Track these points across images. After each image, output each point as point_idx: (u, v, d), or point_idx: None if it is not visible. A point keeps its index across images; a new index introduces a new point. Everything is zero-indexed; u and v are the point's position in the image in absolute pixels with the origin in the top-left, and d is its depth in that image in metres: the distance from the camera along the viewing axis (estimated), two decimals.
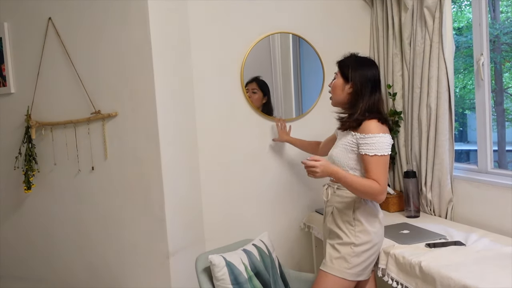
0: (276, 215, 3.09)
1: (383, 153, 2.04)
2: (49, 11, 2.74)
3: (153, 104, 2.52)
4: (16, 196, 3.00)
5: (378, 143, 2.03)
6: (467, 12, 3.58)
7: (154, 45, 2.50)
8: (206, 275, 2.28)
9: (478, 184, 2.56)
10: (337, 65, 2.22)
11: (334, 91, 2.21)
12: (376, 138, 2.04)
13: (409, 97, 2.87)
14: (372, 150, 2.04)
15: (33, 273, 3.05)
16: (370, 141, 2.04)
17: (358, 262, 2.10)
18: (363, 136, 2.06)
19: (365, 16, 3.20)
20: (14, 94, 2.94)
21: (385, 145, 2.05)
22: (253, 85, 2.98)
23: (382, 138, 2.04)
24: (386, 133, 2.07)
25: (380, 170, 2.04)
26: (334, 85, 2.21)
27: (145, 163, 2.59)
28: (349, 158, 2.13)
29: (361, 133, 2.08)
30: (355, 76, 2.13)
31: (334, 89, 2.21)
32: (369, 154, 2.04)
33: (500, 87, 3.36)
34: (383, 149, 2.04)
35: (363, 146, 2.06)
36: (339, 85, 2.18)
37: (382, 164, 2.04)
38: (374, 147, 2.03)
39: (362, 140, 2.06)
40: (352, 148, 2.12)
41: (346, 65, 2.17)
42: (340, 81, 2.17)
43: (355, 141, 2.10)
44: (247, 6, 2.94)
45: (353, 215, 2.12)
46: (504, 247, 2.11)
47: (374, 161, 2.03)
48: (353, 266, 2.09)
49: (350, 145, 2.12)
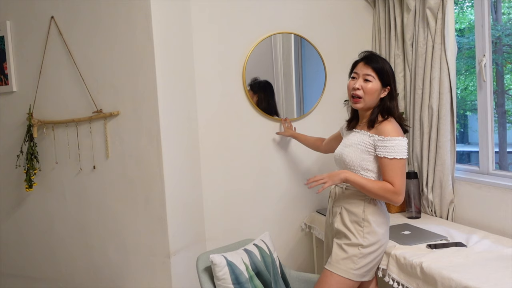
0: (277, 215, 3.09)
1: (402, 157, 2.04)
2: (52, 10, 2.74)
3: (155, 103, 2.52)
4: (18, 194, 3.00)
5: (397, 147, 2.03)
6: (469, 14, 3.57)
7: (157, 44, 2.50)
8: (207, 274, 2.28)
9: (480, 185, 2.56)
10: (372, 67, 2.10)
11: (370, 96, 2.10)
12: (395, 141, 2.03)
13: (411, 98, 2.87)
14: (392, 153, 2.03)
15: (33, 272, 3.05)
16: (390, 144, 2.03)
17: (365, 263, 2.10)
18: (382, 138, 2.05)
19: (367, 16, 3.20)
20: (16, 93, 2.94)
21: (404, 149, 2.05)
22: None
23: (401, 141, 2.04)
24: (403, 136, 2.08)
25: (397, 172, 2.03)
26: (371, 90, 2.09)
27: (146, 162, 2.59)
28: (364, 159, 2.11)
29: (380, 135, 2.06)
30: (392, 78, 2.12)
31: (371, 94, 2.10)
32: (388, 157, 2.03)
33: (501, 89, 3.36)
34: (402, 153, 2.04)
35: (382, 149, 2.05)
36: (376, 89, 2.10)
37: (399, 167, 2.04)
38: (394, 150, 2.03)
39: (381, 142, 2.05)
40: (367, 149, 2.10)
41: (385, 68, 2.10)
42: (378, 85, 2.10)
43: (372, 143, 2.08)
44: (249, 6, 2.94)
45: (363, 215, 2.11)
46: (506, 249, 2.11)
47: (393, 164, 2.04)
48: (359, 267, 2.09)
49: (366, 146, 2.10)
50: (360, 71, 2.12)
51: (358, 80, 2.11)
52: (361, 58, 2.16)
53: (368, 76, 2.10)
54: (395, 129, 2.06)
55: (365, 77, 2.10)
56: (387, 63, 2.15)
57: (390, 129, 2.05)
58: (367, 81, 2.10)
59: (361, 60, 2.15)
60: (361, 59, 2.16)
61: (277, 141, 3.04)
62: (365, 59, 2.13)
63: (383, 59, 2.16)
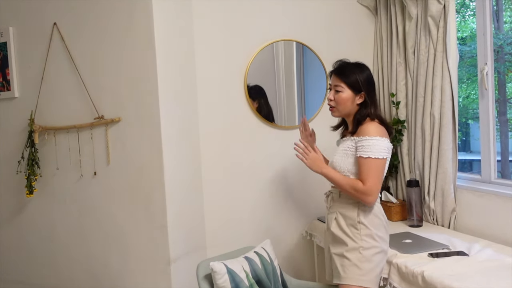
0: (278, 223, 3.08)
1: (377, 156, 2.02)
2: (54, 16, 2.75)
3: (157, 110, 2.52)
4: (18, 200, 3.00)
5: (374, 146, 2.03)
6: (470, 22, 3.58)
7: (159, 51, 2.51)
8: (207, 282, 2.27)
9: (482, 194, 2.55)
10: (339, 76, 2.16)
11: (343, 105, 2.15)
12: (372, 141, 2.03)
13: (413, 106, 2.86)
14: (366, 152, 2.03)
15: (33, 278, 3.04)
16: (367, 143, 2.04)
17: (370, 267, 2.06)
18: (361, 138, 2.07)
19: (369, 24, 3.21)
20: (18, 98, 2.94)
21: (381, 149, 2.04)
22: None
23: (379, 141, 2.04)
24: (384, 136, 2.07)
25: (370, 172, 2.03)
26: (342, 99, 2.14)
27: (147, 169, 2.59)
28: (349, 163, 2.12)
29: (359, 136, 2.09)
30: (364, 84, 2.13)
31: (343, 103, 2.15)
32: (363, 156, 2.04)
33: (503, 97, 3.36)
34: (378, 152, 2.03)
35: (359, 148, 2.06)
36: (348, 98, 2.13)
37: (374, 166, 2.03)
38: (370, 150, 2.03)
39: (359, 142, 2.07)
40: (351, 152, 2.12)
41: (353, 76, 2.13)
42: (349, 93, 2.13)
43: (354, 145, 2.10)
44: (252, 13, 2.95)
45: (357, 218, 2.10)
46: (508, 258, 2.10)
47: (367, 163, 2.03)
48: (366, 273, 2.05)
49: (350, 149, 2.12)
50: (332, 82, 2.20)
51: (332, 92, 2.19)
52: (332, 69, 2.22)
53: (337, 87, 2.16)
54: (375, 130, 2.06)
55: (335, 88, 2.17)
56: (358, 70, 2.15)
57: (370, 129, 2.07)
58: (338, 92, 2.16)
59: (332, 71, 2.22)
60: (332, 70, 2.22)
61: (279, 149, 3.04)
62: (335, 70, 2.20)
63: (354, 67, 2.17)
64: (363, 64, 2.21)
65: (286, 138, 3.04)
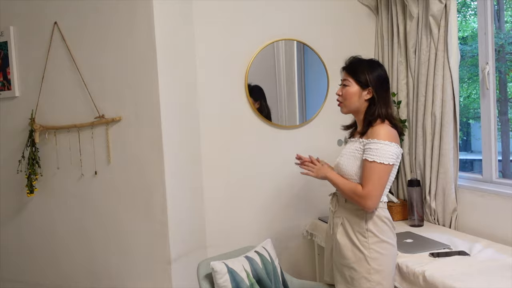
0: (279, 222, 3.08)
1: (382, 161, 1.95)
2: (55, 15, 2.75)
3: (157, 109, 2.52)
4: (19, 199, 2.99)
5: (381, 150, 1.95)
6: (472, 22, 3.57)
7: (159, 51, 2.50)
8: (208, 281, 2.27)
9: (483, 193, 2.55)
10: (347, 71, 2.13)
11: (349, 100, 2.10)
12: (381, 145, 1.96)
13: (414, 105, 2.86)
14: (372, 156, 1.96)
15: (34, 277, 3.04)
16: (374, 146, 1.97)
17: (381, 277, 1.99)
18: (369, 141, 2.00)
19: (370, 24, 3.20)
20: (18, 98, 2.94)
21: (389, 154, 1.96)
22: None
23: (388, 146, 1.96)
24: (394, 141, 1.99)
25: (372, 176, 1.96)
26: (349, 93, 2.09)
27: (148, 168, 2.59)
28: (357, 166, 2.05)
29: (368, 138, 2.02)
30: (373, 80, 2.06)
31: (349, 98, 2.09)
32: (368, 160, 1.97)
33: (504, 97, 3.35)
34: (384, 158, 1.95)
35: (367, 151, 1.99)
36: (354, 92, 2.08)
37: (377, 171, 1.96)
38: (376, 154, 1.95)
39: (367, 145, 2.00)
40: (359, 155, 2.04)
41: (361, 70, 2.08)
42: (356, 88, 2.08)
43: (362, 147, 2.04)
44: (252, 13, 2.95)
45: (366, 226, 2.02)
46: (509, 258, 2.10)
47: (371, 167, 1.96)
48: (376, 284, 1.98)
49: (358, 151, 2.06)
50: (341, 77, 2.17)
51: (340, 87, 2.16)
52: (344, 65, 2.19)
53: (344, 81, 2.13)
54: (385, 134, 1.99)
55: (343, 82, 2.14)
56: (368, 65, 2.10)
57: (380, 132, 2.00)
58: (345, 86, 2.12)
59: (343, 67, 2.18)
60: (343, 66, 2.18)
61: (279, 149, 3.03)
62: (345, 66, 2.17)
63: (365, 63, 2.12)
64: (377, 61, 2.18)
65: (286, 138, 3.05)
